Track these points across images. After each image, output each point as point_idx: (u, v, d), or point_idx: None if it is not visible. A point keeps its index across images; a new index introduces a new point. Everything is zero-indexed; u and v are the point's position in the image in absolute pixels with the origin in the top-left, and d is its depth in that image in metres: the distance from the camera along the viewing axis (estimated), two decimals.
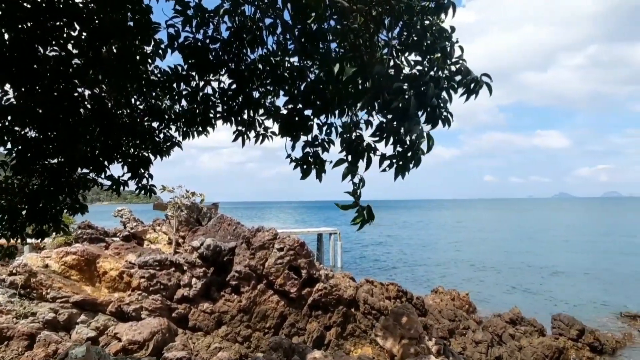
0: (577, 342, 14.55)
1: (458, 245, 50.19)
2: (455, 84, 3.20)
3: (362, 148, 3.13)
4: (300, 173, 3.56)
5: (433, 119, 3.05)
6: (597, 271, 31.42)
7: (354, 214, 3.07)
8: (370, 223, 3.09)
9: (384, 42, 3.21)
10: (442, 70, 3.21)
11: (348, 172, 3.07)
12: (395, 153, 3.02)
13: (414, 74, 3.08)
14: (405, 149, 2.93)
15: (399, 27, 3.19)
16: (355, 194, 3.03)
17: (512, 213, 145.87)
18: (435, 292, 20.11)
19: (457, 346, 14.10)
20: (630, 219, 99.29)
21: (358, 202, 3.04)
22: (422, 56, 3.23)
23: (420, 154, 2.92)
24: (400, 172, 3.06)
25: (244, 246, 14.39)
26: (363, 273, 29.55)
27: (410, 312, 8.00)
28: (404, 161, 2.97)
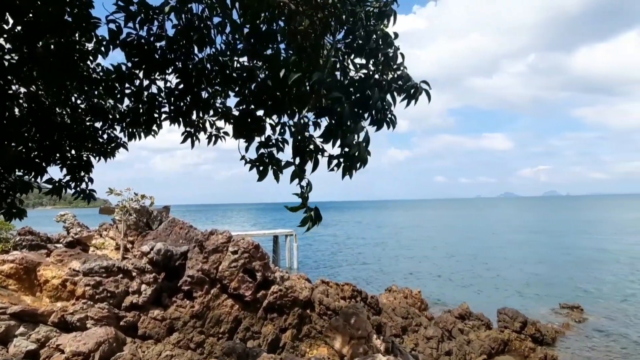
0: (521, 334, 15.33)
1: (411, 244, 51.53)
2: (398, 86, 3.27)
3: (310, 150, 3.13)
4: (257, 175, 3.51)
5: (378, 122, 3.10)
6: (538, 266, 33.26)
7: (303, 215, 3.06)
8: (318, 224, 3.08)
9: (330, 45, 3.23)
10: (386, 74, 3.27)
11: (295, 176, 3.06)
12: (342, 153, 3.05)
13: (359, 77, 3.11)
14: (350, 150, 2.96)
15: (344, 31, 3.22)
16: (303, 196, 3.01)
17: (461, 212, 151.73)
18: (389, 290, 20.53)
19: (409, 343, 14.47)
20: (568, 216, 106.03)
21: (306, 204, 3.03)
22: (367, 59, 3.27)
23: (366, 155, 2.96)
24: (348, 172, 3.07)
25: (197, 250, 14.03)
26: (319, 274, 29.70)
27: (360, 311, 8.10)
28: (350, 161, 3.00)
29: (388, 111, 3.16)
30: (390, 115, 3.22)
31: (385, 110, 3.11)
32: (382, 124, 3.17)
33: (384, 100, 3.11)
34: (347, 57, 3.35)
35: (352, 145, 2.80)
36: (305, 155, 3.12)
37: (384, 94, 3.09)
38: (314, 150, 3.14)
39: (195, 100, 3.79)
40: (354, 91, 2.93)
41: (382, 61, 3.28)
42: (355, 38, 3.22)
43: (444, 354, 13.63)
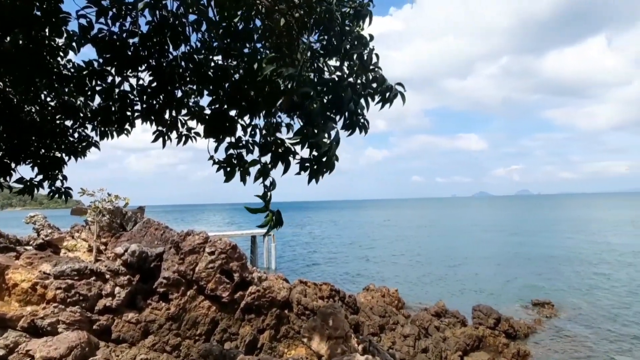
0: (495, 330, 15.68)
1: (388, 243, 52.00)
2: (372, 91, 3.29)
3: (281, 151, 3.11)
4: (224, 175, 3.46)
5: (351, 125, 3.12)
6: (512, 264, 34.05)
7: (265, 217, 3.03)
8: (278, 228, 3.05)
9: (306, 45, 3.23)
10: (360, 78, 3.29)
11: (260, 175, 3.02)
12: (311, 157, 3.03)
13: (332, 78, 3.12)
14: (320, 154, 2.94)
15: (320, 31, 3.22)
16: (266, 197, 2.97)
17: (437, 211, 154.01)
18: (367, 289, 20.67)
19: (387, 341, 14.60)
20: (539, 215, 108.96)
21: (268, 206, 3.00)
22: (341, 61, 3.28)
23: (334, 160, 2.95)
24: (314, 176, 3.06)
25: (173, 251, 13.81)
26: (297, 274, 29.69)
27: (337, 311, 8.12)
28: (318, 166, 2.98)
29: (361, 115, 3.17)
30: (363, 119, 3.23)
31: (358, 114, 3.12)
32: (355, 128, 3.18)
33: (357, 103, 3.12)
34: (322, 59, 3.35)
35: (321, 145, 2.78)
36: (276, 156, 3.09)
37: (358, 97, 3.10)
38: (286, 152, 3.12)
39: (169, 99, 3.72)
40: (326, 91, 2.92)
41: (356, 63, 3.29)
42: (330, 38, 3.22)
43: (421, 352, 13.81)
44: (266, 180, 3.03)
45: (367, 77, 3.34)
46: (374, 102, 3.48)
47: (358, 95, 3.27)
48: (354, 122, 3.27)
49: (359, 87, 3.27)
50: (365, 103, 3.30)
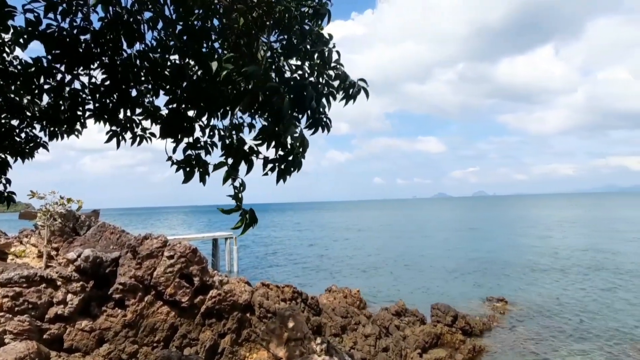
0: (452, 327, 16.16)
1: (350, 244, 52.51)
2: (334, 89, 3.32)
3: (243, 151, 3.09)
4: (183, 176, 3.40)
5: (314, 124, 3.13)
6: (468, 262, 35.20)
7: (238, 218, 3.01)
8: (254, 227, 3.05)
9: (266, 45, 3.22)
10: (321, 76, 3.31)
11: (228, 176, 2.99)
12: (277, 157, 3.03)
13: (294, 77, 3.12)
14: (286, 153, 2.95)
15: (280, 31, 3.22)
16: (237, 198, 2.95)
17: (398, 212, 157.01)
18: (329, 291, 20.77)
19: (349, 341, 14.73)
20: (494, 215, 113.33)
21: (240, 206, 2.98)
22: (302, 60, 3.29)
23: (301, 158, 2.97)
24: (282, 176, 3.05)
25: (130, 256, 13.36)
26: (260, 276, 29.49)
27: (296, 313, 8.12)
28: (285, 165, 2.99)
29: (323, 114, 3.20)
30: (326, 118, 3.26)
31: (320, 113, 3.14)
32: (318, 127, 3.20)
33: (319, 102, 3.14)
34: (283, 58, 3.35)
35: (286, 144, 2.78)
36: (239, 156, 3.06)
37: (320, 95, 3.13)
38: (249, 151, 3.10)
39: (123, 98, 3.61)
40: (288, 91, 2.93)
41: (318, 62, 3.31)
42: (290, 38, 3.22)
43: (382, 351, 14.02)
44: (235, 181, 2.99)
45: (329, 75, 3.37)
46: (337, 100, 3.51)
47: (320, 94, 3.29)
48: (316, 120, 3.29)
49: (321, 86, 3.29)
50: (327, 102, 3.33)
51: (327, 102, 3.28)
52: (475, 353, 14.73)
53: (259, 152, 3.16)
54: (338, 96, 3.44)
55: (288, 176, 3.07)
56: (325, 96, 3.23)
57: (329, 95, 3.29)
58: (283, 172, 3.03)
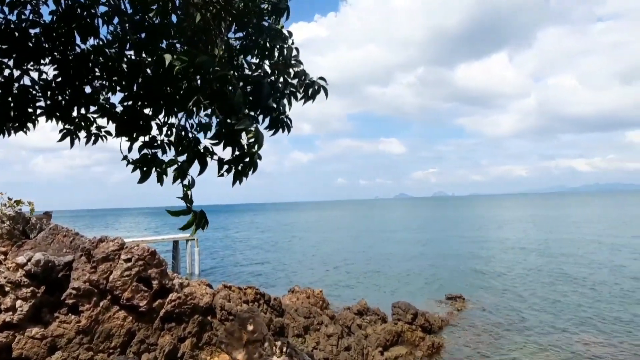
0: (412, 325, 16.52)
1: (313, 244, 52.64)
2: (295, 89, 3.33)
3: (198, 150, 3.03)
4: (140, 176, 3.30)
5: (274, 124, 3.13)
6: (428, 260, 36.09)
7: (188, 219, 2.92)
8: (204, 229, 2.98)
9: (224, 42, 3.18)
10: (281, 76, 3.31)
11: (178, 175, 2.91)
12: (232, 157, 2.99)
13: (253, 75, 3.11)
14: (241, 154, 2.92)
15: (238, 28, 3.19)
16: (187, 198, 2.88)
17: (360, 213, 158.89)
18: (292, 291, 20.74)
19: (311, 341, 14.77)
20: (453, 215, 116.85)
21: (191, 207, 2.91)
22: (262, 59, 3.28)
23: (257, 159, 2.95)
24: (238, 177, 3.01)
25: (84, 259, 12.84)
26: (222, 278, 29.10)
27: (256, 314, 8.05)
28: (241, 166, 2.96)
29: (283, 114, 3.20)
30: (286, 118, 3.26)
31: (280, 113, 3.14)
32: (279, 127, 3.21)
33: (278, 102, 3.14)
34: (241, 56, 3.32)
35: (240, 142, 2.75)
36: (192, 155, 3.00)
37: (280, 95, 3.13)
38: (203, 151, 3.04)
39: (77, 95, 3.47)
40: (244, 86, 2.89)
41: (278, 61, 3.30)
42: (249, 34, 3.20)
43: (344, 350, 14.15)
44: (184, 180, 2.92)
45: (288, 73, 3.36)
46: (298, 99, 3.51)
47: (281, 93, 3.29)
48: (276, 120, 3.28)
49: (282, 85, 3.29)
50: (287, 102, 3.33)
51: (288, 102, 3.28)
52: (434, 349, 15.12)
53: (213, 153, 3.11)
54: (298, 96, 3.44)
55: (244, 177, 3.04)
56: (286, 96, 3.23)
57: (291, 95, 3.29)
58: (239, 174, 2.99)
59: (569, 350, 14.92)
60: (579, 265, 31.58)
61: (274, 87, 3.06)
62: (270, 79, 3.20)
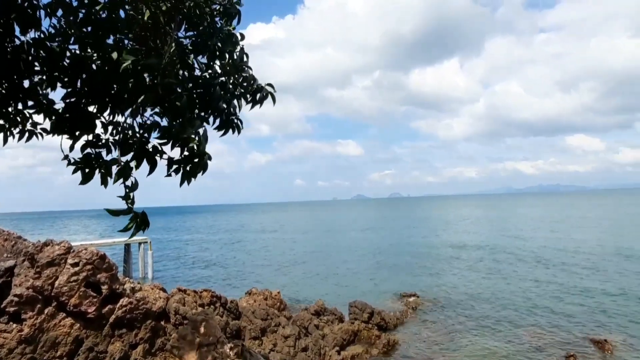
0: (368, 324, 16.79)
1: (270, 246, 52.36)
2: (244, 90, 3.30)
3: (146, 150, 2.95)
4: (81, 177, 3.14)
5: (225, 126, 3.08)
6: (384, 260, 36.82)
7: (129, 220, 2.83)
8: (144, 230, 2.90)
9: (175, 41, 3.11)
10: (233, 77, 3.27)
11: (121, 175, 2.81)
12: (182, 158, 2.92)
13: (203, 76, 3.06)
14: (190, 154, 2.86)
15: (189, 26, 3.13)
16: (128, 199, 2.78)
17: (319, 214, 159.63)
18: (249, 293, 20.52)
19: (269, 343, 14.68)
20: (408, 215, 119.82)
21: (132, 208, 2.80)
22: (212, 59, 3.24)
23: (207, 159, 2.90)
24: (187, 178, 2.95)
25: (27, 264, 12.11)
26: (177, 282, 28.36)
27: (209, 317, 7.90)
28: (191, 167, 2.90)
29: (234, 115, 3.16)
30: (237, 120, 3.23)
31: (231, 114, 3.11)
32: (229, 128, 3.17)
33: (229, 103, 3.11)
34: (192, 55, 3.25)
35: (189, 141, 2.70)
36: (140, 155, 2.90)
37: (231, 96, 3.09)
38: (152, 150, 2.96)
39: (15, 90, 3.28)
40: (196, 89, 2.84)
41: (228, 62, 3.26)
42: (200, 34, 3.14)
43: (301, 351, 14.16)
44: (127, 180, 2.81)
45: (238, 77, 3.33)
46: (247, 102, 3.48)
47: (231, 94, 3.25)
48: (227, 121, 3.24)
49: (231, 86, 3.25)
50: (238, 103, 3.30)
51: (238, 104, 3.25)
52: (389, 347, 15.44)
53: (163, 152, 3.03)
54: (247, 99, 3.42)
55: (193, 178, 2.97)
56: (237, 97, 3.19)
57: (241, 96, 3.26)
58: (188, 174, 2.92)
59: (517, 342, 15.68)
60: (526, 262, 33.23)
61: (225, 88, 3.02)
62: (221, 79, 3.15)
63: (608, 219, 74.16)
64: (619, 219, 73.78)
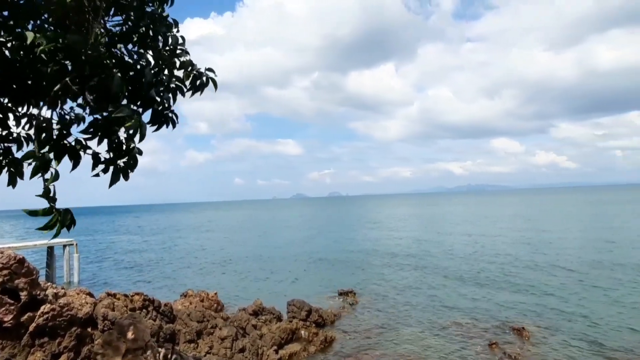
0: (306, 322, 16.96)
1: (209, 245, 51.12)
2: (182, 83, 3.20)
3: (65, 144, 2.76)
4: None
5: (158, 119, 2.98)
6: (323, 258, 37.29)
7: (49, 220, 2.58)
8: (70, 229, 2.68)
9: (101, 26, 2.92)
10: (167, 67, 3.16)
11: (38, 170, 2.58)
12: (111, 156, 2.76)
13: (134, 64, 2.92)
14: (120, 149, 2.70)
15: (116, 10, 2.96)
16: (48, 194, 2.54)
17: (257, 213, 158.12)
18: (185, 295, 19.94)
19: (204, 346, 14.36)
20: (346, 214, 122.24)
21: (54, 206, 2.57)
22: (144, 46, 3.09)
23: (136, 153, 2.77)
24: (117, 177, 2.79)
25: None
26: (107, 286, 26.91)
27: (137, 321, 7.59)
28: (123, 164, 2.75)
29: (168, 109, 3.06)
30: (171, 113, 3.13)
31: (165, 107, 3.00)
32: (162, 122, 3.06)
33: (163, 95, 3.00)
34: (121, 43, 3.08)
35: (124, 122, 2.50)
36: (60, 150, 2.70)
37: (165, 89, 2.99)
38: (75, 145, 2.77)
39: None
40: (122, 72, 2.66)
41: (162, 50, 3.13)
42: (129, 18, 2.98)
43: (238, 352, 14.00)
44: (46, 173, 2.58)
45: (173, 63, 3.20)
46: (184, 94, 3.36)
47: (166, 87, 3.13)
48: (159, 114, 3.12)
49: (166, 77, 3.14)
50: (172, 96, 3.19)
51: (172, 96, 3.14)
52: (326, 343, 15.69)
53: (87, 146, 2.84)
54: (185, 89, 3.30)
55: (124, 178, 2.82)
56: (172, 91, 3.09)
57: (177, 90, 3.16)
58: (118, 172, 2.76)
59: (445, 333, 16.57)
60: (454, 258, 35.16)
61: (157, 78, 2.90)
62: (153, 69, 3.02)
63: (525, 216, 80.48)
64: (536, 215, 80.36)
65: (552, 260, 31.48)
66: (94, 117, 2.70)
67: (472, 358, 14.22)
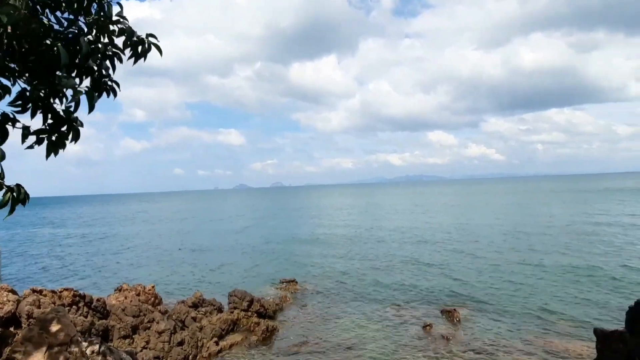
0: (248, 312, 16.85)
1: (144, 237, 49.13)
2: (120, 50, 3.03)
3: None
4: None
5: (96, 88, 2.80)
6: (264, 248, 37.15)
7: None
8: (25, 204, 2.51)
9: None
10: (103, 34, 2.97)
11: None
12: (46, 127, 2.58)
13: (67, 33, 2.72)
14: (58, 121, 2.54)
15: None
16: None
17: (199, 204, 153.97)
18: (119, 290, 19.06)
19: (141, 341, 13.86)
20: (288, 204, 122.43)
21: (3, 182, 2.44)
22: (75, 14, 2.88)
23: (79, 126, 2.61)
24: (53, 149, 2.62)
25: None
26: (33, 283, 25.13)
27: (61, 315, 7.15)
28: (57, 136, 2.58)
29: (107, 77, 2.89)
30: (111, 82, 2.96)
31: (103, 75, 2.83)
32: (102, 91, 2.88)
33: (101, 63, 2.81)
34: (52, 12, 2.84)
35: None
36: None
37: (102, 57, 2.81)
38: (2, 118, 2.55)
39: None
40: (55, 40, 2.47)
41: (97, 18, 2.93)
42: None
43: (177, 345, 13.66)
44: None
45: (111, 31, 3.02)
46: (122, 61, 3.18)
47: (102, 54, 2.95)
48: (98, 83, 2.94)
49: (102, 45, 2.95)
50: (111, 64, 3.01)
51: (111, 64, 2.97)
52: (268, 333, 15.71)
53: (16, 120, 2.62)
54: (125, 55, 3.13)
55: (63, 149, 2.65)
56: (109, 58, 2.92)
57: (114, 57, 2.98)
58: (56, 145, 2.59)
59: (383, 318, 17.20)
60: (392, 244, 36.47)
61: (94, 46, 2.72)
62: (87, 37, 2.81)
63: (461, 204, 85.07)
64: (469, 204, 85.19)
65: (478, 246, 33.61)
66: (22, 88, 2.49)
67: (408, 340, 14.89)
